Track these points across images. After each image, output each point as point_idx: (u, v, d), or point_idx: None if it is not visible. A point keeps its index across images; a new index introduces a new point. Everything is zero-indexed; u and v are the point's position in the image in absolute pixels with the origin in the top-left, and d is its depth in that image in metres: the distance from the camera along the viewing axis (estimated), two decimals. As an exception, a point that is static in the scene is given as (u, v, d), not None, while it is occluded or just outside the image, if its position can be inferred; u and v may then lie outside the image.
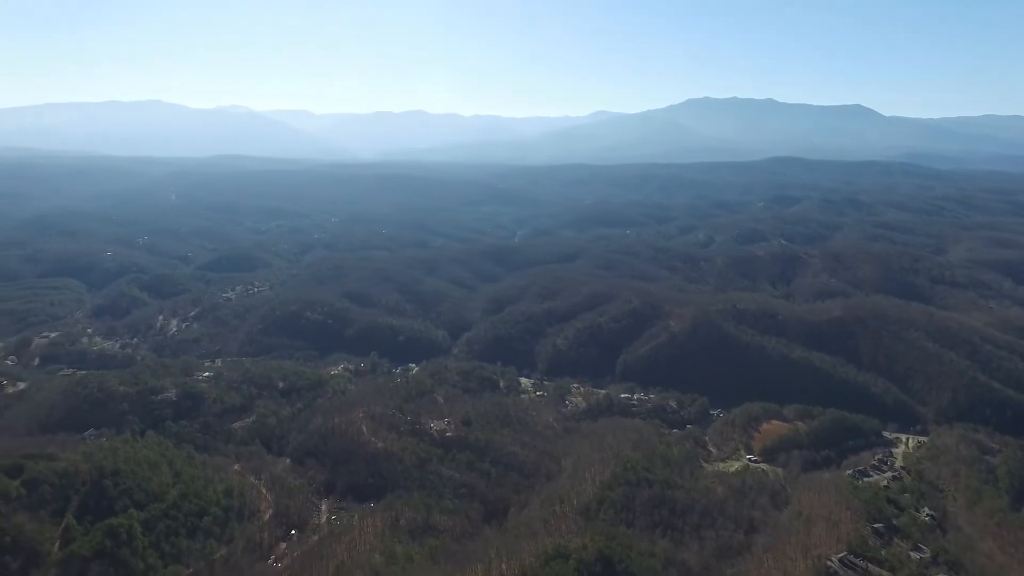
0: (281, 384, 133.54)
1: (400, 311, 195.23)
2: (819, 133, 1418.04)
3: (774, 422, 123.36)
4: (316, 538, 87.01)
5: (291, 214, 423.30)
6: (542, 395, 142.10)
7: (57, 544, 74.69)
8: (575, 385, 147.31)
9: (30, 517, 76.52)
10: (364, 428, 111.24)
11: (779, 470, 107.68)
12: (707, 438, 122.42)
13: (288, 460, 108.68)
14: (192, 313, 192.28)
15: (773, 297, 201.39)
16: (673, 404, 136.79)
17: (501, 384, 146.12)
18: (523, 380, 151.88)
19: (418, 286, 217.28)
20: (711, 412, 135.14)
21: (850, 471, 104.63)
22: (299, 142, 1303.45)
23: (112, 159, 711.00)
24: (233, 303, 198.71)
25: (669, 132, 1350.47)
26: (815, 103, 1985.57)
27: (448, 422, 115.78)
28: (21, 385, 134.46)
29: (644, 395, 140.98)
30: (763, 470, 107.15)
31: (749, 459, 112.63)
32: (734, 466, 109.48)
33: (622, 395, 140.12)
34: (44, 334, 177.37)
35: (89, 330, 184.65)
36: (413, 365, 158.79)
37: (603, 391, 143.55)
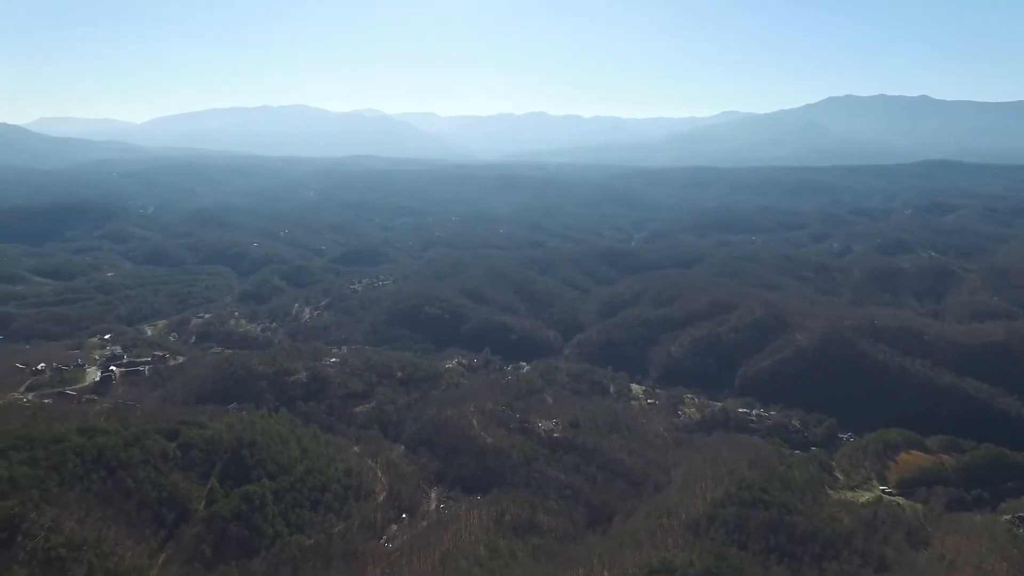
0: (400, 374, 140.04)
1: (514, 309, 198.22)
2: (983, 134, 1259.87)
3: (914, 452, 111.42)
4: (425, 524, 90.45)
5: (415, 212, 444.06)
6: (653, 403, 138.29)
7: (203, 503, 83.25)
8: (689, 395, 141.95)
9: (182, 476, 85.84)
10: (475, 422, 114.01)
11: (918, 506, 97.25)
12: (834, 463, 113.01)
13: (402, 447, 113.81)
14: (323, 302, 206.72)
15: (919, 315, 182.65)
16: (796, 423, 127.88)
17: (611, 389, 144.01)
18: (634, 386, 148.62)
19: (532, 285, 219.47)
20: (839, 435, 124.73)
21: (1008, 516, 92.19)
22: (425, 143, 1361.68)
23: (262, 159, 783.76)
24: (359, 295, 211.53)
25: (804, 133, 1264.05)
26: (979, 99, 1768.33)
27: (556, 423, 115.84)
28: (180, 359, 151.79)
29: (764, 411, 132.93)
30: (899, 504, 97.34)
31: (883, 490, 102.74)
32: (864, 496, 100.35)
33: (740, 409, 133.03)
34: (200, 315, 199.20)
35: (236, 313, 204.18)
36: (524, 364, 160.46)
37: (719, 404, 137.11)
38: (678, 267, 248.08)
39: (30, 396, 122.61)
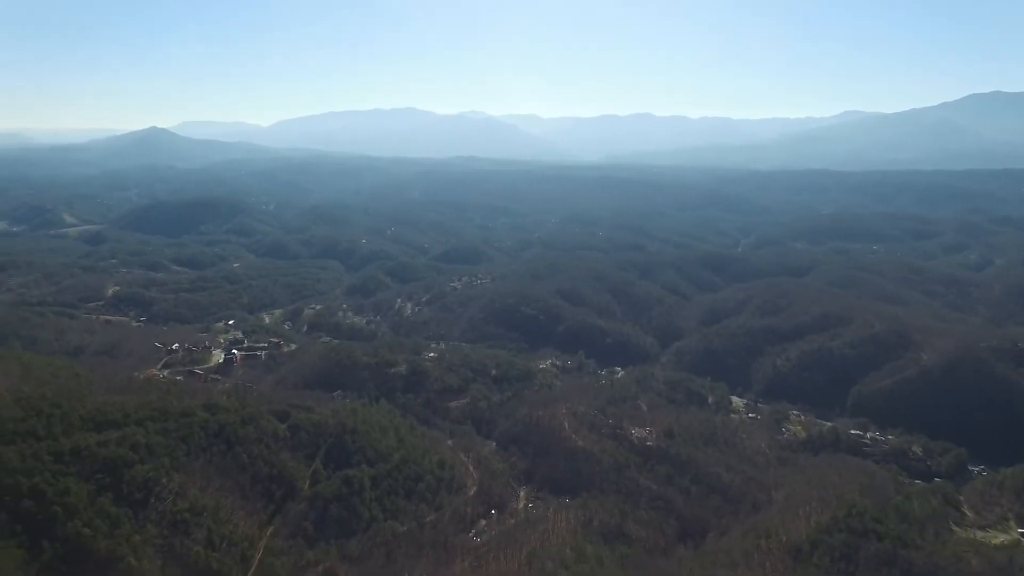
0: (494, 371, 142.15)
1: (610, 313, 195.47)
2: None
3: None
4: (513, 522, 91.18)
5: (514, 212, 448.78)
6: (755, 418, 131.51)
7: (308, 483, 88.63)
8: (795, 412, 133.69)
9: (290, 456, 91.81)
10: (566, 424, 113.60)
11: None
12: (962, 498, 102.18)
13: (494, 444, 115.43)
14: (424, 299, 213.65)
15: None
16: (918, 450, 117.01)
17: (710, 400, 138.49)
18: (735, 399, 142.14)
19: (630, 289, 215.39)
20: (969, 468, 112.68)
21: None
22: (527, 145, 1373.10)
23: (372, 159, 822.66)
24: (458, 292, 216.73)
25: (937, 134, 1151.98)
26: None
27: (650, 431, 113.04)
28: (293, 346, 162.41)
29: (880, 435, 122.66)
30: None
31: (1022, 534, 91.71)
32: (999, 538, 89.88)
33: (852, 431, 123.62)
34: (312, 306, 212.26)
35: (344, 306, 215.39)
36: (619, 369, 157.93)
37: (828, 423, 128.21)
38: (788, 275, 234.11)
39: (165, 373, 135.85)
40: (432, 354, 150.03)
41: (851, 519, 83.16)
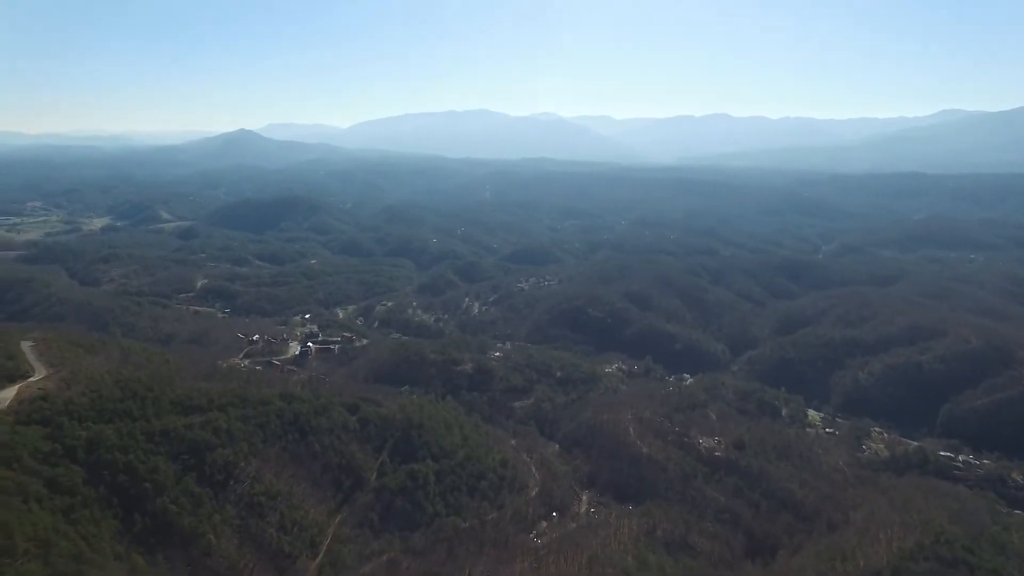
0: (559, 373, 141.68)
1: (679, 318, 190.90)
2: None
3: None
4: (574, 526, 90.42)
5: (584, 214, 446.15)
6: (833, 433, 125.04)
7: (375, 475, 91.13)
8: (876, 429, 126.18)
9: (359, 448, 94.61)
10: (631, 430, 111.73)
11: None
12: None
13: (557, 446, 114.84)
14: (491, 298, 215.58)
15: None
16: (1018, 478, 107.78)
17: (783, 412, 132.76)
18: (811, 412, 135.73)
19: (701, 295, 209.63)
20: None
21: None
22: (599, 146, 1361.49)
23: (444, 160, 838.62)
24: (525, 293, 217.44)
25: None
26: None
27: (718, 441, 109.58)
28: (364, 341, 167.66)
29: (974, 458, 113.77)
30: None
31: None
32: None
33: (942, 452, 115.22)
34: (383, 302, 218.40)
35: (414, 303, 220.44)
36: (687, 375, 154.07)
37: (914, 443, 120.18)
38: (873, 284, 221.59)
39: (246, 362, 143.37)
40: (498, 353, 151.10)
41: (939, 547, 77.63)
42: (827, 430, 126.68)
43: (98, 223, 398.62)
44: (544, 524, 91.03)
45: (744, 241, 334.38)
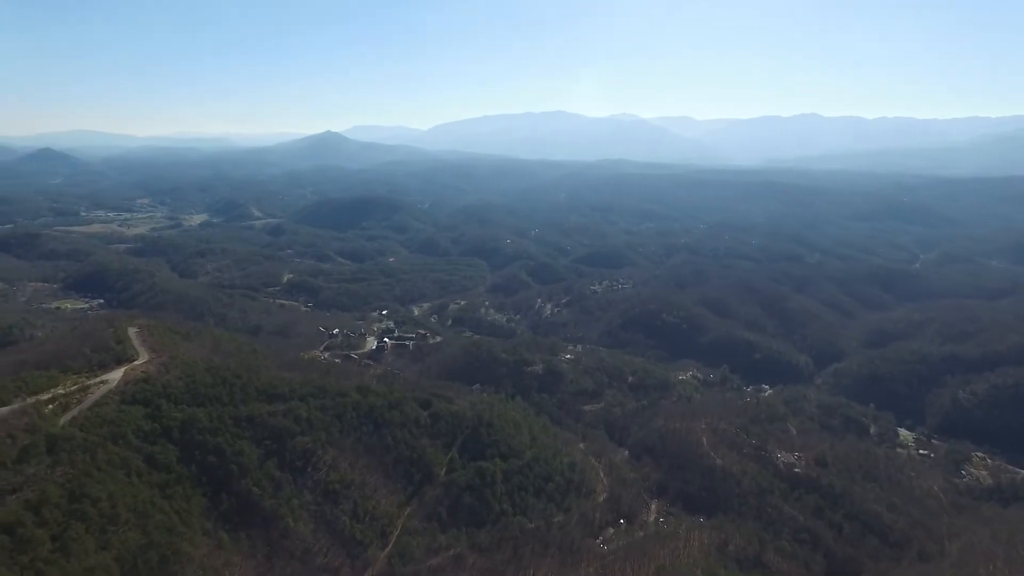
0: (631, 378, 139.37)
1: (759, 327, 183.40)
2: None
3: None
4: (642, 534, 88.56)
5: (661, 217, 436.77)
6: (927, 455, 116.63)
7: (444, 470, 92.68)
8: (978, 454, 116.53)
9: (430, 443, 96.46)
10: (704, 440, 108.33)
11: None
12: None
13: (626, 452, 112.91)
14: (563, 300, 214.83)
15: None
16: None
17: (872, 430, 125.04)
18: (903, 432, 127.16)
19: (783, 303, 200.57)
20: None
21: None
22: (679, 147, 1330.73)
23: (521, 161, 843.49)
24: (598, 296, 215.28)
25: None
26: None
27: (798, 456, 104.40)
28: (438, 339, 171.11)
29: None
30: None
31: None
32: None
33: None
34: (457, 301, 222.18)
35: (486, 303, 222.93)
36: (766, 387, 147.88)
37: (1023, 472, 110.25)
38: (978, 297, 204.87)
39: (326, 355, 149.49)
40: (569, 356, 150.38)
41: (1048, 587, 70.73)
42: (921, 452, 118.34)
43: (197, 219, 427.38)
44: (611, 531, 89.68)
45: (832, 248, 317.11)
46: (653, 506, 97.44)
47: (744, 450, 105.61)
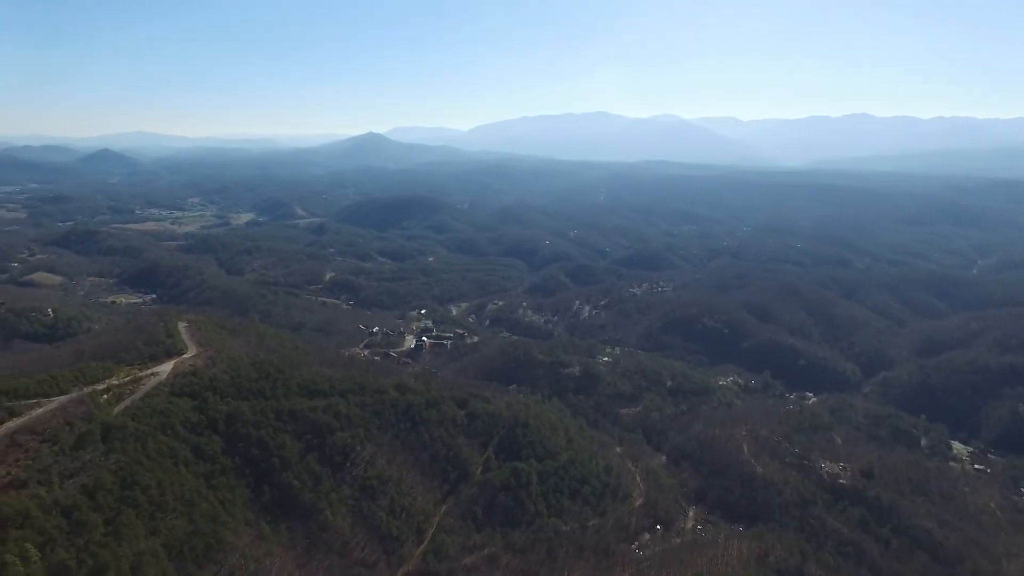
0: (669, 383, 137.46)
1: (803, 333, 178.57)
2: None
3: None
4: (679, 541, 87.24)
5: (703, 219, 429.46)
6: (983, 470, 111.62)
7: (480, 469, 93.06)
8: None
9: (466, 442, 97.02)
10: (745, 447, 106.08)
11: None
12: None
13: (664, 457, 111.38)
14: (602, 302, 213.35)
15: None
16: None
17: (923, 442, 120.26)
18: (956, 445, 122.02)
19: (830, 308, 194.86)
20: None
21: None
22: (723, 148, 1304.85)
23: (560, 162, 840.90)
24: (637, 298, 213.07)
25: None
26: None
27: (844, 467, 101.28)
28: (476, 338, 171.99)
29: None
30: None
31: None
32: None
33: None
34: (495, 301, 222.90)
35: (524, 303, 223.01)
36: (810, 394, 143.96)
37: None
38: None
39: (366, 352, 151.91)
40: (606, 358, 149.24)
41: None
42: (976, 466, 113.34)
43: (244, 218, 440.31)
44: (647, 536, 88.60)
45: (882, 253, 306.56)
46: (691, 513, 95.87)
47: (786, 459, 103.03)
